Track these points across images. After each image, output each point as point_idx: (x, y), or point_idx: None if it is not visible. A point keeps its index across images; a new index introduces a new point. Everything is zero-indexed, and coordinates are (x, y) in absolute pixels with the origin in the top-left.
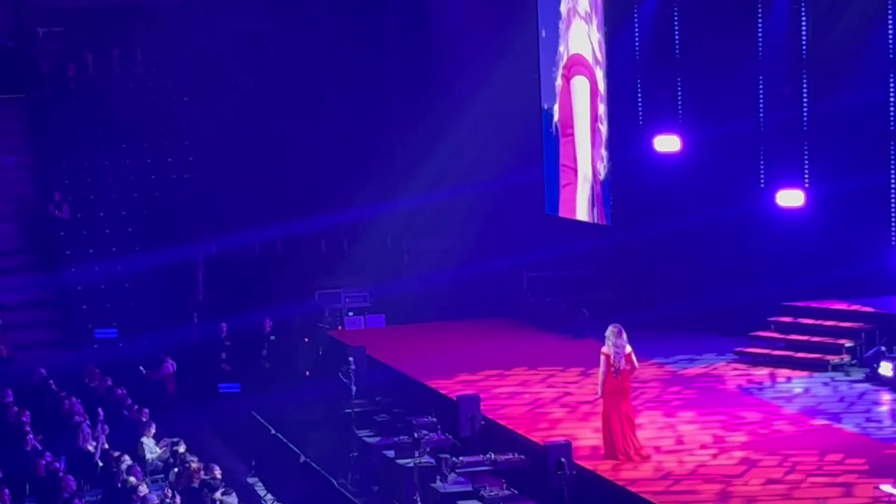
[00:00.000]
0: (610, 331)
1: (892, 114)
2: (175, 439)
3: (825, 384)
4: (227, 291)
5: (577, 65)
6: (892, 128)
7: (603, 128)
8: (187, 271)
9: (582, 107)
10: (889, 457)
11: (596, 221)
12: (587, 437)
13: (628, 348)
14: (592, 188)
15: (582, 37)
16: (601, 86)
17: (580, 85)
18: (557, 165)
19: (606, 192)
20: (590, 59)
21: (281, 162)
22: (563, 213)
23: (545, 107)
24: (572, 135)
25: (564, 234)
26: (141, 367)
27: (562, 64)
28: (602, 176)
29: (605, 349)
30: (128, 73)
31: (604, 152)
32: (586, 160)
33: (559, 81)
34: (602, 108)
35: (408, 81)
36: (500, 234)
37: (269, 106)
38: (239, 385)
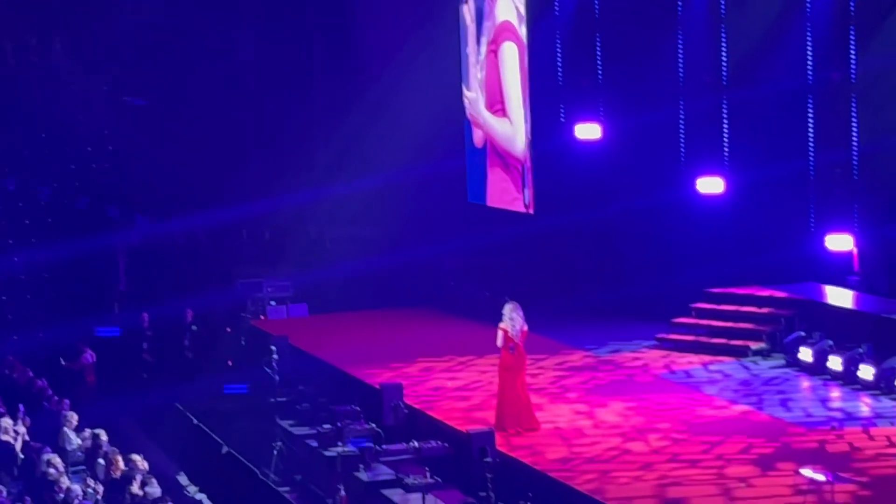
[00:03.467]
0: (508, 307)
1: (809, 102)
2: (97, 430)
3: (745, 370)
4: (148, 282)
5: (505, 31)
6: (809, 115)
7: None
8: (108, 262)
9: (513, 75)
10: (809, 441)
11: (526, 204)
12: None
13: (525, 326)
14: (522, 168)
15: (508, 6)
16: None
17: (509, 51)
18: (479, 153)
19: (525, 172)
20: (517, 26)
21: (202, 151)
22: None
23: (463, 86)
24: (502, 109)
25: (486, 221)
26: (61, 358)
27: (488, 39)
28: (529, 158)
29: (502, 325)
30: (46, 62)
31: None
32: (520, 133)
33: (485, 57)
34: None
35: (331, 69)
36: (423, 223)
37: (191, 94)
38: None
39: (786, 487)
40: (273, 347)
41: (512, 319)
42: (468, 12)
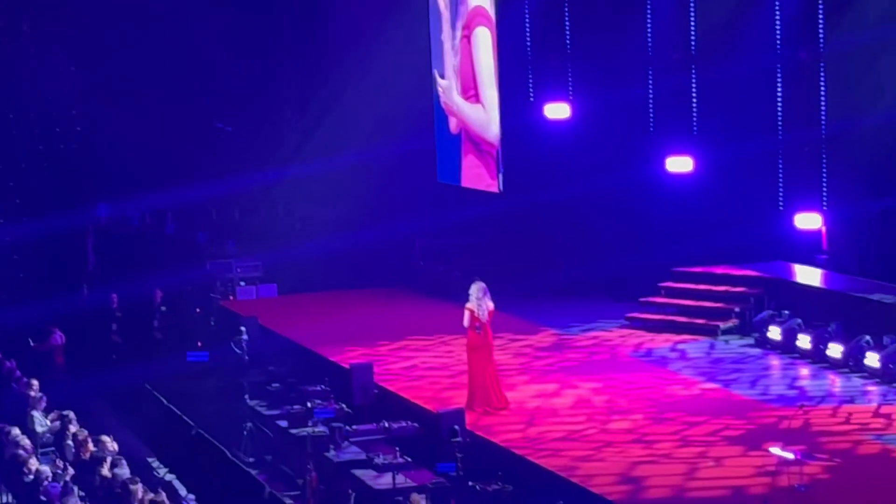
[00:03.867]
0: (474, 287)
1: (778, 80)
2: (65, 412)
3: (715, 348)
4: (117, 262)
5: (478, 16)
6: (778, 94)
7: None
8: (77, 242)
9: (486, 60)
10: (778, 419)
11: (500, 188)
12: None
13: (491, 305)
14: (497, 152)
15: None
16: None
17: (482, 35)
18: (454, 139)
19: (499, 158)
20: (490, 11)
21: (172, 131)
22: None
23: (436, 73)
24: (476, 95)
25: (456, 201)
26: (29, 340)
27: (462, 24)
28: (497, 141)
29: (469, 305)
30: (14, 42)
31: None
32: (493, 119)
33: (459, 42)
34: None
35: (300, 49)
36: (393, 203)
37: (160, 73)
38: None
39: (754, 466)
40: (242, 328)
41: (478, 299)
42: None
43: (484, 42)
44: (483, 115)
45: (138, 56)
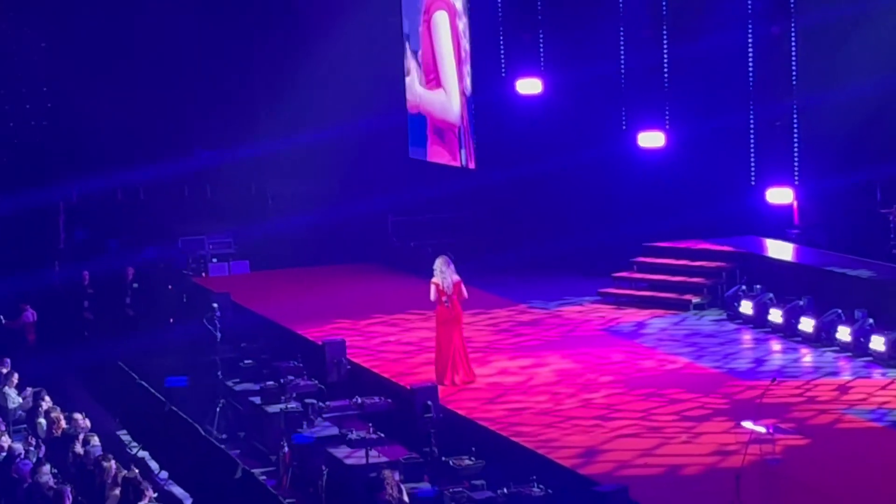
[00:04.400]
0: (438, 261)
1: (750, 54)
2: (37, 389)
3: (686, 323)
4: (88, 239)
5: (436, 1)
6: (749, 69)
7: (467, 68)
8: (48, 219)
9: (445, 42)
10: (750, 394)
11: (463, 164)
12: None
13: (456, 277)
14: (459, 130)
15: None
16: (461, 23)
17: (441, 19)
18: (418, 120)
19: (470, 134)
20: None
21: (142, 107)
22: (429, 157)
23: (407, 48)
24: (436, 78)
25: (429, 177)
26: (1, 317)
27: (423, 9)
28: (466, 118)
29: (434, 279)
30: None
31: (468, 92)
32: (454, 100)
33: (421, 28)
34: (465, 45)
35: (271, 23)
36: (365, 179)
37: (130, 49)
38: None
39: (726, 440)
40: (215, 304)
41: (442, 273)
42: None
43: (443, 25)
44: (444, 98)
45: (108, 32)
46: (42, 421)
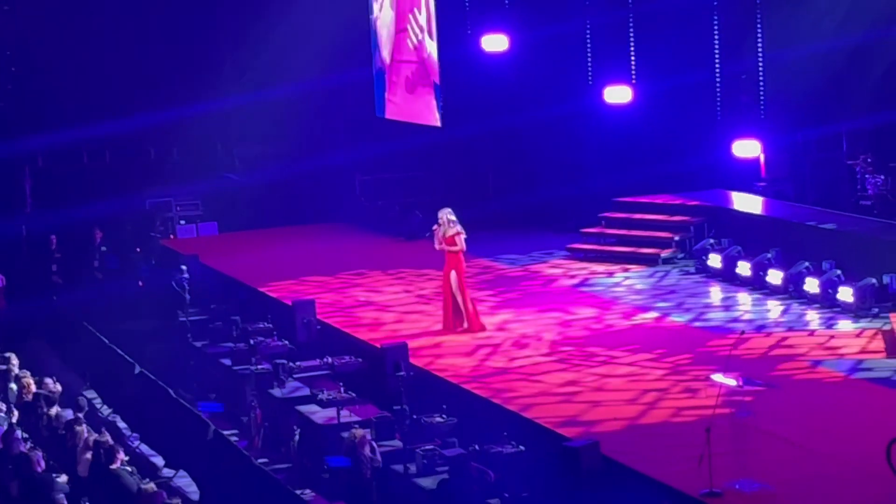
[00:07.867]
0: (441, 213)
1: (715, 11)
2: (7, 353)
3: (655, 278)
4: (55, 202)
5: None
6: (715, 24)
7: (433, 24)
8: (14, 183)
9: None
10: (719, 346)
11: (435, 122)
12: (422, 339)
13: (454, 230)
14: (433, 86)
15: None
16: None
17: None
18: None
19: (437, 91)
20: None
21: (107, 68)
22: (395, 115)
23: (373, 4)
24: (406, 30)
25: (395, 135)
26: None
27: None
28: (434, 74)
29: (435, 227)
30: None
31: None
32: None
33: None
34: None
35: None
36: (332, 138)
37: (94, 8)
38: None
39: (696, 393)
40: (183, 266)
41: (441, 224)
42: None
43: None
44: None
45: None
46: (13, 386)
